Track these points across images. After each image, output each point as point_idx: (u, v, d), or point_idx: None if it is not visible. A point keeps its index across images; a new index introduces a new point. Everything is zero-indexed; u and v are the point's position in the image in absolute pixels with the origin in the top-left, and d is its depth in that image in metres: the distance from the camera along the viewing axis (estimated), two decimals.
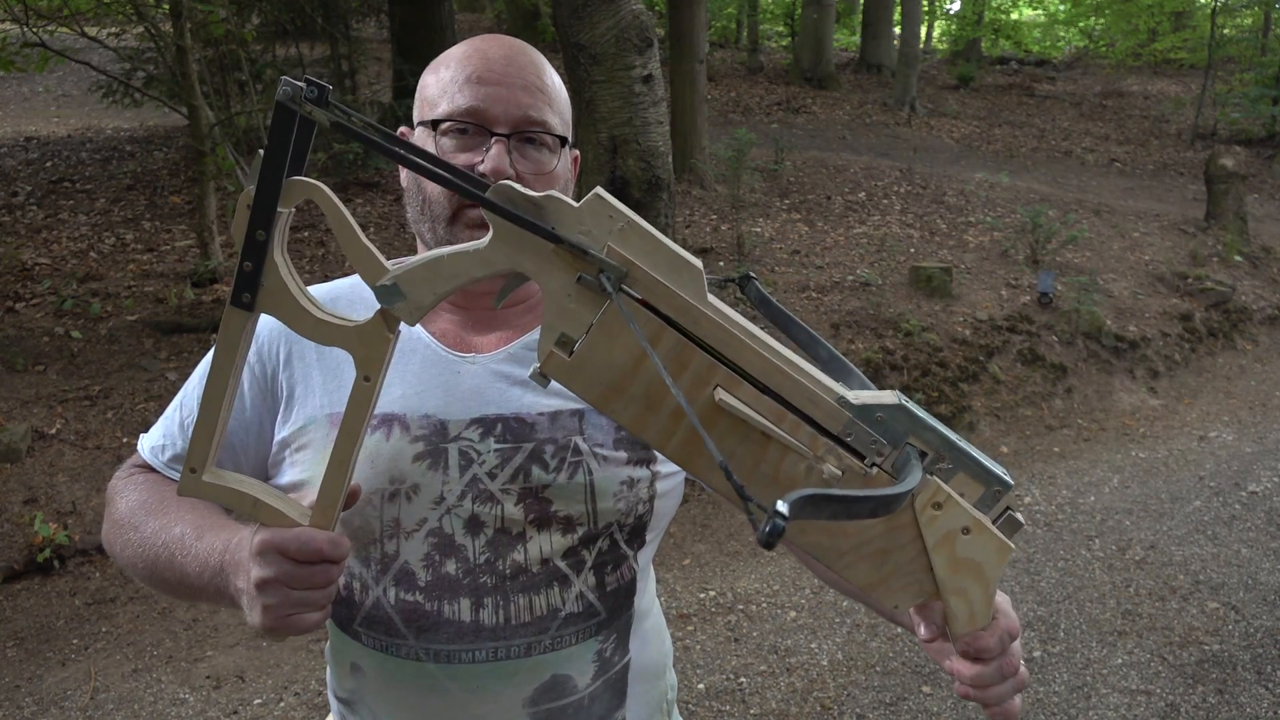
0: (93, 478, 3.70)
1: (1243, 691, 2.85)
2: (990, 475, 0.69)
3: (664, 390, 0.68)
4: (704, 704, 2.80)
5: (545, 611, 0.93)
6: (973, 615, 0.72)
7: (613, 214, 0.67)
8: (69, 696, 2.82)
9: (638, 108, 3.91)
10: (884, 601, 0.73)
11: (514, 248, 0.69)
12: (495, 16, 14.77)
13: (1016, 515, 0.71)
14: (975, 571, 0.71)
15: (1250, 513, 4.05)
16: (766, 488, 0.70)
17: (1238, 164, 7.63)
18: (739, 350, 0.67)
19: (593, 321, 0.68)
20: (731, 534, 3.83)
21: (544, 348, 0.69)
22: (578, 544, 0.93)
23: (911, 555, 0.71)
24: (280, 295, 0.73)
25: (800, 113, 11.78)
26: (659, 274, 0.67)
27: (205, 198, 5.18)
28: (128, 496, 0.98)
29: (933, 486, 0.68)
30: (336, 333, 0.74)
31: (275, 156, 0.69)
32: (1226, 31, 14.37)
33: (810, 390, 0.68)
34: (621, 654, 0.99)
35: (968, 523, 0.69)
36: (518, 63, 0.94)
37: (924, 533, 0.69)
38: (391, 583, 0.92)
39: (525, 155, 0.93)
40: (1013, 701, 0.77)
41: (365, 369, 0.75)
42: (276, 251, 0.72)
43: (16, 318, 4.66)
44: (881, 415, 0.68)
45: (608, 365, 0.68)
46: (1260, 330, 6.43)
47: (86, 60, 5.98)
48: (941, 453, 0.69)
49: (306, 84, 0.67)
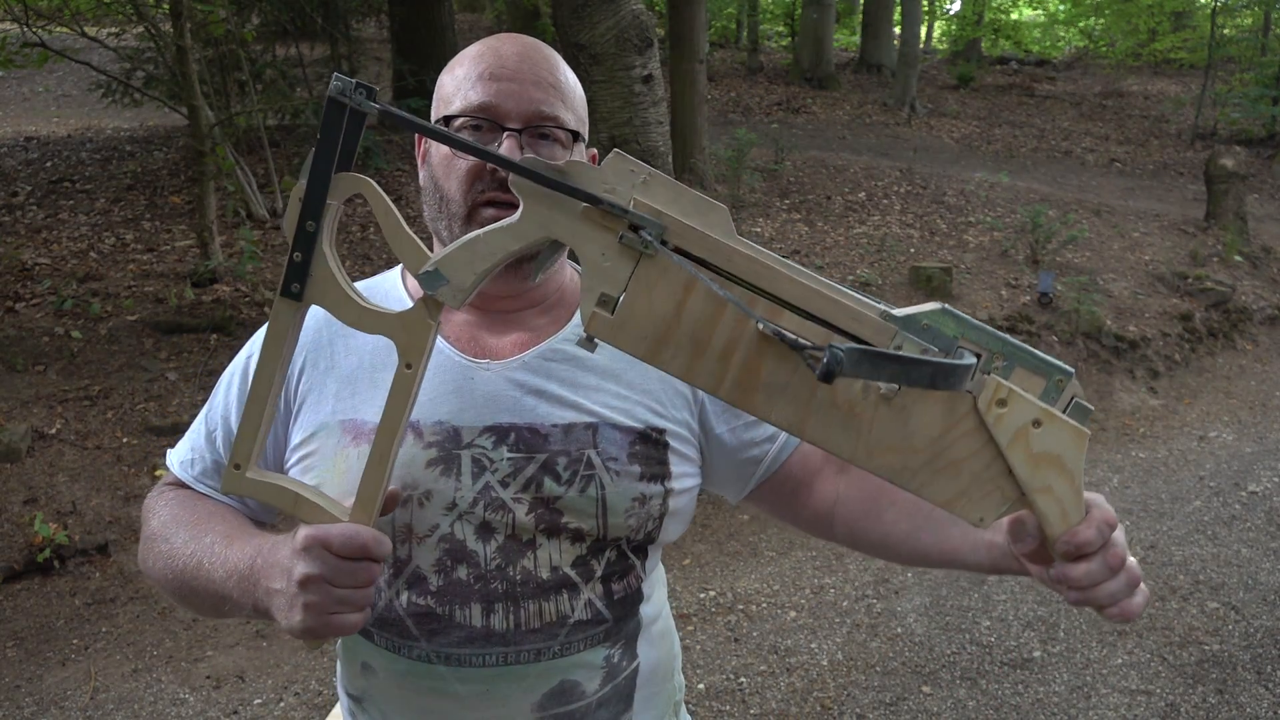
0: (93, 478, 3.70)
1: (1243, 691, 2.85)
2: (1049, 366, 0.69)
3: (709, 332, 0.69)
4: (704, 704, 2.80)
5: (554, 618, 0.93)
6: (1065, 512, 0.71)
7: (634, 169, 0.68)
8: (69, 696, 2.82)
9: (638, 108, 3.91)
10: (969, 515, 0.71)
11: (545, 217, 0.70)
12: (495, 16, 14.76)
13: (1084, 402, 0.70)
14: (1056, 465, 0.69)
15: (1250, 513, 4.05)
16: (826, 414, 0.70)
17: (1238, 164, 7.62)
18: (775, 280, 0.68)
19: (630, 276, 0.68)
20: (731, 534, 3.83)
21: (586, 310, 0.70)
22: (587, 553, 0.94)
23: (986, 460, 0.70)
24: (327, 285, 0.75)
25: (800, 113, 11.78)
26: (688, 219, 0.68)
27: (205, 198, 5.17)
28: (160, 513, 0.99)
29: (992, 384, 0.67)
30: (380, 320, 0.76)
31: (326, 150, 0.71)
32: (1226, 31, 14.36)
33: (853, 309, 0.68)
34: (629, 660, 1.00)
35: (1036, 415, 0.68)
36: (531, 59, 0.94)
37: (994, 434, 0.68)
38: (404, 586, 0.92)
39: (538, 150, 0.93)
40: (1130, 600, 0.74)
41: (407, 356, 0.77)
42: (325, 243, 0.75)
43: (16, 318, 4.66)
44: (928, 323, 0.67)
45: (650, 317, 0.69)
46: (1260, 330, 6.43)
47: (86, 60, 5.99)
48: (995, 351, 0.68)
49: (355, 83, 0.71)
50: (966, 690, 2.87)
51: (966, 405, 0.68)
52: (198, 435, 1.03)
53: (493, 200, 0.92)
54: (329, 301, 0.76)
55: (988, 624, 3.21)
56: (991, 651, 3.06)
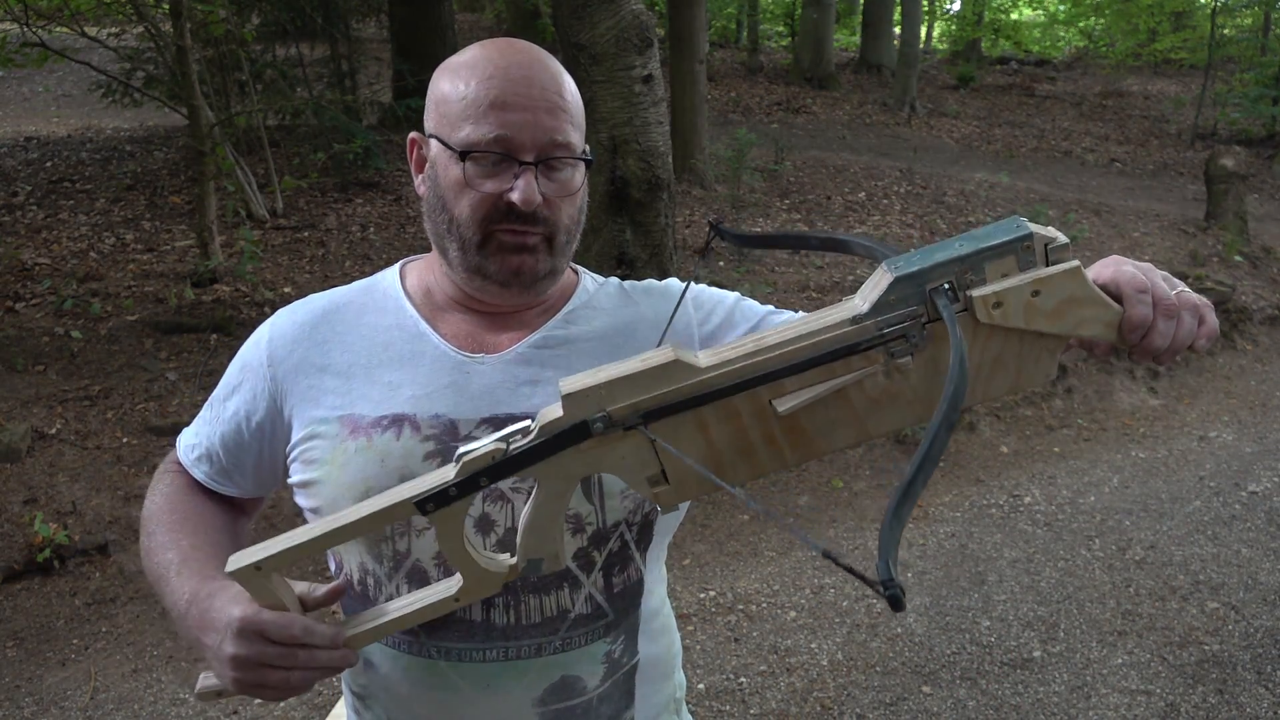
0: (93, 478, 3.70)
1: (1243, 691, 2.85)
2: (1008, 243, 0.71)
3: (744, 438, 0.75)
4: (704, 704, 2.80)
5: (555, 612, 0.94)
6: (1106, 322, 0.73)
7: (587, 393, 0.74)
8: (69, 696, 2.82)
9: (638, 108, 3.91)
10: (1035, 384, 0.75)
11: (561, 471, 0.77)
12: (495, 16, 14.76)
13: (1057, 237, 0.71)
14: (1073, 304, 0.72)
15: (1250, 513, 4.05)
16: (873, 412, 0.75)
17: (1238, 164, 7.62)
18: (754, 368, 0.72)
19: (655, 453, 0.75)
20: (731, 534, 3.83)
21: (646, 493, 0.78)
22: (588, 544, 0.94)
23: (1019, 345, 0.73)
24: (453, 521, 0.81)
25: (800, 113, 11.78)
26: (655, 392, 0.73)
27: (205, 198, 5.17)
28: (155, 496, 1.06)
29: (978, 298, 0.70)
30: (469, 563, 0.84)
31: (548, 450, 0.77)
32: (1226, 31, 14.36)
33: (827, 337, 0.72)
34: (630, 655, 1.00)
35: (1030, 288, 0.70)
36: (540, 82, 0.93)
37: (1011, 326, 0.71)
38: (404, 580, 0.93)
39: (551, 178, 0.93)
40: (1206, 321, 0.75)
41: (463, 596, 0.85)
42: (478, 499, 0.88)
43: (16, 318, 4.66)
44: (893, 297, 0.71)
45: (695, 466, 0.75)
46: (1260, 330, 6.43)
47: (86, 60, 5.99)
48: (958, 272, 0.71)
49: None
50: (966, 690, 2.87)
51: (972, 324, 0.72)
52: (203, 421, 1.07)
53: (510, 230, 0.93)
54: (445, 530, 0.82)
55: (988, 624, 3.21)
56: (991, 651, 3.06)
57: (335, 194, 6.72)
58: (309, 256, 5.67)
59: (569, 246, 0.98)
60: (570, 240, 0.97)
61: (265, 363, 1.00)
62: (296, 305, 1.05)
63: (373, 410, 0.94)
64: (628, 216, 4.08)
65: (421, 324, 0.99)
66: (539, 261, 0.94)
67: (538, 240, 0.94)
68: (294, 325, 1.01)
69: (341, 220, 6.31)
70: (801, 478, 4.25)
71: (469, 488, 0.78)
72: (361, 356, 0.98)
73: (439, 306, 1.02)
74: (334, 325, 1.00)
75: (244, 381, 1.02)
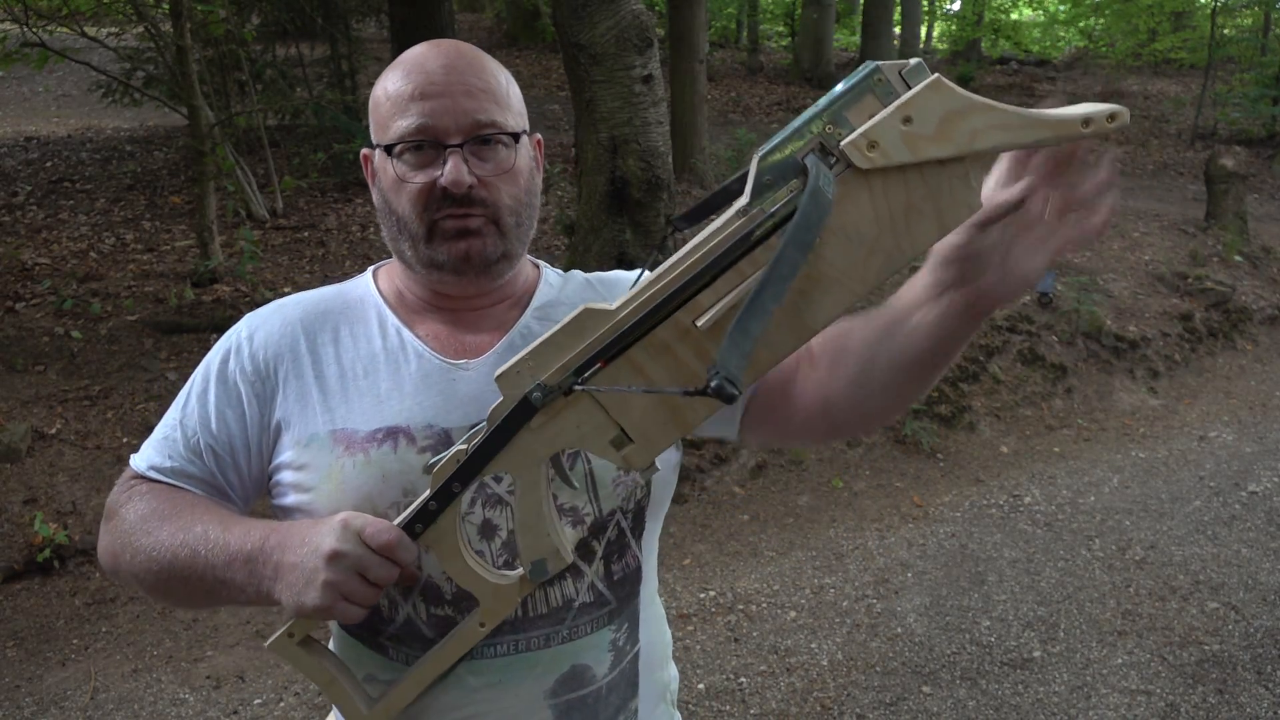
0: (93, 478, 3.70)
1: (1243, 691, 2.85)
2: (859, 85, 0.68)
3: (684, 368, 0.74)
4: (704, 704, 2.80)
5: (560, 603, 0.95)
6: (1003, 125, 0.67)
7: (518, 370, 0.76)
8: (69, 696, 2.82)
9: (638, 108, 3.91)
10: (961, 216, 0.70)
11: (523, 453, 0.79)
12: (495, 16, 14.75)
13: (908, 63, 0.68)
14: (955, 119, 0.67)
15: (1250, 513, 4.05)
16: (805, 305, 0.73)
17: (1238, 164, 7.62)
18: (662, 292, 0.73)
19: (607, 410, 0.76)
20: (731, 534, 3.83)
21: (615, 459, 0.78)
22: (588, 535, 0.96)
23: (921, 179, 0.69)
24: (445, 536, 0.84)
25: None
26: (578, 348, 0.75)
27: (205, 198, 5.17)
28: (135, 506, 0.96)
29: (850, 147, 0.68)
30: (479, 582, 0.86)
31: (502, 436, 0.78)
32: (1226, 31, 14.35)
33: (720, 238, 0.72)
34: (633, 643, 1.02)
35: (898, 116, 0.67)
36: (457, 69, 0.93)
37: (899, 162, 0.67)
38: (420, 598, 0.94)
39: (483, 158, 0.93)
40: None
41: (486, 618, 0.87)
42: (463, 502, 0.86)
43: (16, 318, 4.66)
44: (768, 178, 0.70)
45: (651, 413, 0.76)
46: (1260, 330, 6.43)
47: (86, 60, 5.98)
48: (824, 131, 0.69)
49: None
50: (966, 690, 2.87)
51: (859, 177, 0.69)
52: (173, 441, 0.98)
53: (450, 215, 0.93)
54: (443, 549, 0.84)
55: (988, 624, 3.21)
56: (991, 651, 3.06)
57: (335, 194, 6.73)
58: (309, 256, 5.67)
59: (520, 230, 0.97)
60: (520, 223, 0.97)
61: (253, 371, 0.97)
62: (269, 312, 1.02)
63: (365, 424, 0.93)
64: (628, 216, 4.08)
65: (404, 331, 0.99)
66: (486, 244, 0.94)
67: (480, 222, 0.93)
68: (280, 329, 0.99)
69: (341, 220, 6.31)
70: (801, 478, 4.25)
71: (445, 497, 0.79)
72: (348, 367, 0.97)
73: (413, 309, 1.02)
74: (317, 334, 0.99)
75: (224, 389, 0.98)
